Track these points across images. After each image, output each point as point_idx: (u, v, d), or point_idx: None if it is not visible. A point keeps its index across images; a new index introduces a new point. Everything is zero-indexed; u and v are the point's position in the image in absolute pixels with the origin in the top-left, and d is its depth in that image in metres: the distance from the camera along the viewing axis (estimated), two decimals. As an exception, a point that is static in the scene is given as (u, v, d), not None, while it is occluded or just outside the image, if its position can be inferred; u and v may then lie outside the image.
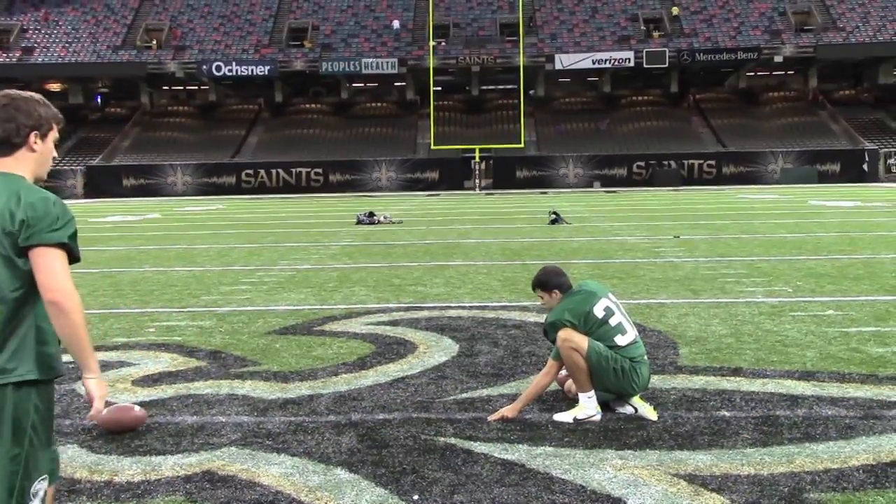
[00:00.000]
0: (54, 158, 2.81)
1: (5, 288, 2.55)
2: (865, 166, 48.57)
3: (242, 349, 7.03)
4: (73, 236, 2.65)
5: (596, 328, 5.01)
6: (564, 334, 4.96)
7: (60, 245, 2.59)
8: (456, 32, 58.69)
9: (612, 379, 4.94)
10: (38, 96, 2.75)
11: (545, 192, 44.16)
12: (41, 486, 2.67)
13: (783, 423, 4.81)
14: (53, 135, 2.76)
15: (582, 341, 4.92)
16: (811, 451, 4.35)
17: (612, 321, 5.06)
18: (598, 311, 5.06)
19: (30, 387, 2.60)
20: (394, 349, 6.86)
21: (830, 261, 12.11)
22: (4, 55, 56.66)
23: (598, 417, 4.93)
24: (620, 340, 5.02)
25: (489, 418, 4.97)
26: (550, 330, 5.08)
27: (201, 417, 5.16)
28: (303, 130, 56.69)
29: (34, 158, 2.71)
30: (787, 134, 53.10)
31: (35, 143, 2.69)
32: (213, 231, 20.94)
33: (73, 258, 2.66)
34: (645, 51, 54.44)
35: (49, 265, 2.55)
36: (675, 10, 59.17)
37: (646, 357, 5.14)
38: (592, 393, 4.96)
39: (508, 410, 4.98)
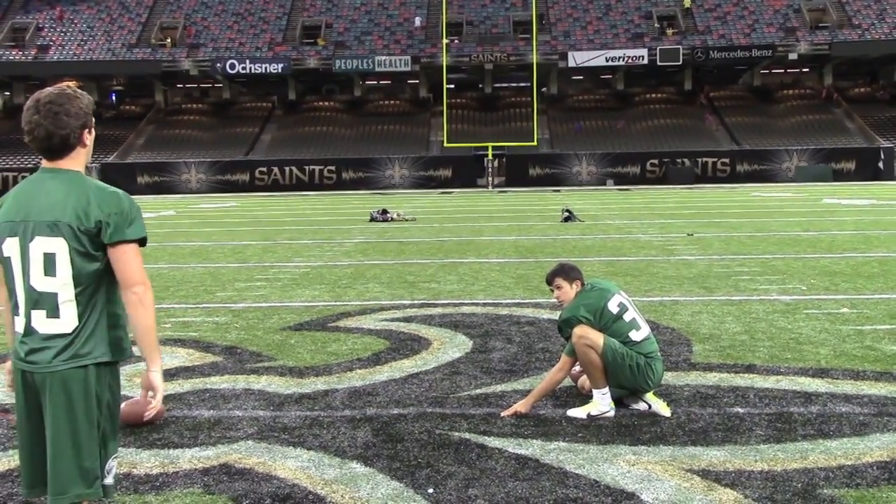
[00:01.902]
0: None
1: (84, 277, 2.69)
2: (881, 164, 48.27)
3: (258, 345, 7.08)
4: (144, 225, 2.79)
5: (611, 323, 5.03)
6: (580, 331, 4.96)
7: (138, 240, 2.75)
8: (469, 30, 58.70)
9: (627, 375, 4.95)
10: (71, 90, 2.79)
11: (558, 190, 44.11)
12: (114, 464, 2.86)
13: (797, 419, 4.81)
14: (92, 130, 2.84)
15: (597, 338, 4.93)
16: (825, 447, 4.35)
17: (627, 317, 5.09)
18: (613, 307, 5.08)
19: (105, 368, 2.77)
20: (408, 345, 6.90)
21: (845, 259, 12.07)
22: (20, 53, 57.05)
23: (611, 413, 4.95)
24: (635, 336, 5.04)
25: (502, 413, 5.00)
26: (565, 326, 5.07)
27: (218, 411, 5.21)
28: (316, 128, 56.84)
29: (85, 152, 2.82)
30: (801, 132, 52.85)
31: (86, 138, 2.80)
32: (228, 228, 21.04)
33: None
34: (659, 48, 54.31)
35: (129, 260, 2.71)
36: (686, 2, 58.97)
37: (659, 353, 5.16)
38: (607, 389, 4.97)
39: (521, 405, 5.01)
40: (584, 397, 5.23)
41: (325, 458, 4.32)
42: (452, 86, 56.29)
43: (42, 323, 2.70)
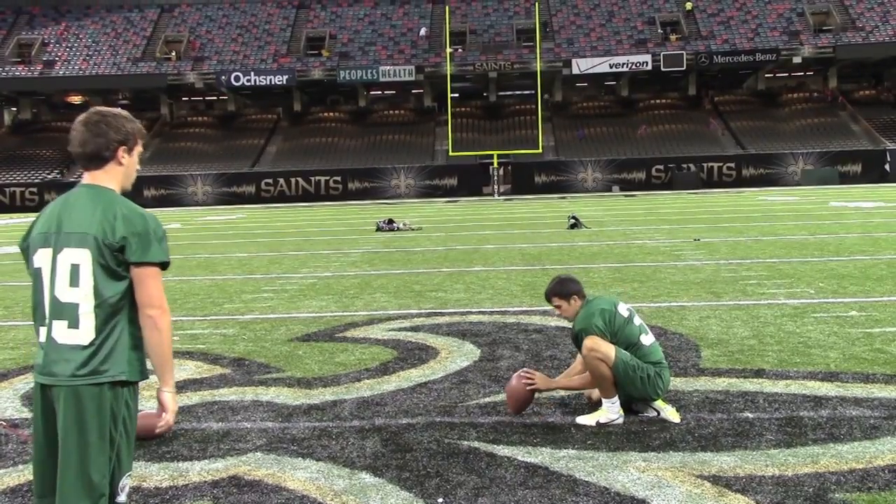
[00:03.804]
0: (80, 172, 2.90)
1: (105, 294, 2.73)
2: (887, 166, 48.14)
3: (266, 356, 7.09)
4: (167, 250, 2.85)
5: (624, 326, 5.02)
6: (591, 343, 4.92)
7: (159, 264, 2.80)
8: (473, 39, 58.81)
9: (638, 386, 4.93)
10: (124, 112, 2.90)
11: (564, 197, 44.10)
12: (128, 482, 2.88)
13: (807, 423, 4.79)
14: (138, 149, 2.92)
15: (609, 351, 4.90)
16: (836, 451, 4.34)
17: (636, 321, 5.09)
18: (623, 311, 5.09)
19: (122, 387, 2.79)
20: (416, 354, 6.89)
21: (853, 262, 12.04)
22: (26, 69, 57.33)
23: (620, 421, 4.94)
24: (645, 340, 5.05)
25: (524, 369, 5.21)
26: (583, 336, 5.01)
27: (227, 423, 5.21)
28: (321, 139, 56.95)
29: (122, 171, 2.87)
30: (807, 135, 52.76)
31: (122, 156, 2.86)
32: (234, 240, 21.08)
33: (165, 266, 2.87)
34: (662, 54, 54.32)
35: (149, 283, 2.77)
36: (688, 6, 58.99)
37: (665, 360, 5.14)
38: (616, 398, 4.96)
39: (542, 380, 5.09)
40: (593, 405, 5.22)
41: (334, 469, 4.32)
42: (457, 95, 56.38)
43: (62, 333, 2.73)
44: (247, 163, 54.12)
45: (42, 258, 2.77)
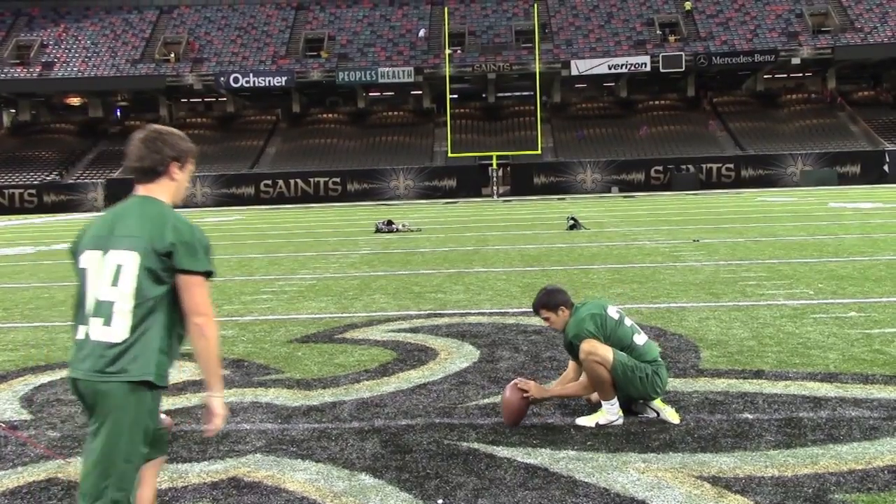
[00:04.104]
0: (79, 173, 2.93)
1: (147, 294, 2.84)
2: (886, 167, 48.16)
3: (265, 357, 7.09)
4: (212, 261, 2.99)
5: (616, 328, 5.02)
6: (588, 346, 4.91)
7: (206, 273, 2.92)
8: (471, 40, 58.83)
9: (637, 386, 4.93)
10: (179, 132, 3.14)
11: (563, 198, 44.11)
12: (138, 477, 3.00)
13: (806, 424, 4.80)
14: (190, 167, 3.13)
15: (607, 353, 4.90)
16: (835, 452, 4.34)
17: (626, 322, 5.09)
18: (613, 313, 5.09)
19: (148, 389, 2.87)
20: (415, 356, 6.89)
21: (852, 262, 12.04)
22: (25, 70, 57.33)
23: (620, 422, 4.94)
24: (638, 340, 5.04)
25: (517, 379, 5.15)
26: (576, 343, 5.00)
27: (226, 425, 5.20)
28: (320, 140, 56.94)
29: (174, 186, 3.06)
30: (805, 136, 52.78)
31: (175, 173, 3.06)
32: (233, 241, 21.08)
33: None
34: (661, 55, 54.34)
35: (194, 291, 2.88)
36: (687, 6, 59.02)
37: (661, 358, 5.13)
38: (615, 400, 4.96)
39: (536, 389, 5.03)
40: (592, 406, 5.22)
41: (333, 471, 4.32)
42: (456, 96, 56.35)
43: (98, 330, 2.83)
44: (246, 164, 54.10)
45: (90, 259, 2.90)
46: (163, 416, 5.02)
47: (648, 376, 4.94)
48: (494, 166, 49.33)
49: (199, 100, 63.57)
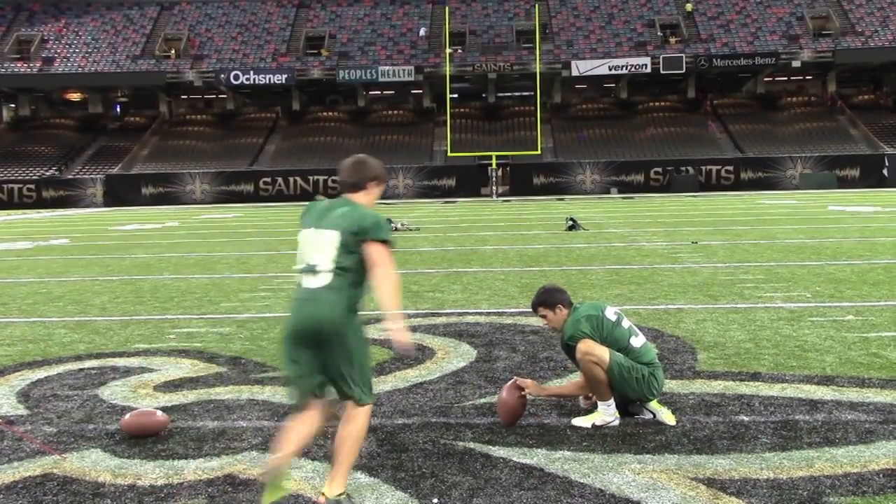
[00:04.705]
0: (78, 169, 2.95)
1: (340, 262, 3.84)
2: (885, 171, 48.20)
3: (262, 355, 7.09)
4: (390, 236, 3.92)
5: (613, 330, 5.01)
6: (585, 347, 4.90)
7: (383, 241, 3.87)
8: (472, 40, 58.84)
9: (633, 387, 4.93)
10: (377, 161, 4.16)
11: (562, 199, 44.12)
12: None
13: (802, 427, 4.80)
14: (382, 186, 4.14)
15: (603, 354, 4.89)
16: (831, 455, 4.34)
17: (624, 324, 5.09)
18: (611, 315, 5.08)
19: (351, 314, 3.96)
20: (412, 355, 6.89)
21: (850, 266, 12.05)
22: (25, 65, 57.31)
23: (616, 423, 4.94)
24: (635, 342, 5.03)
25: (516, 377, 5.23)
26: (572, 343, 5.00)
27: (222, 422, 5.21)
28: (320, 138, 56.95)
29: (368, 196, 4.08)
30: (805, 139, 52.81)
31: (370, 188, 4.08)
32: (232, 239, 21.07)
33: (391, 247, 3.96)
34: (662, 57, 54.37)
35: (378, 251, 3.84)
36: (688, 7, 59.03)
37: (657, 360, 5.14)
38: (612, 401, 4.96)
39: (534, 387, 5.12)
40: (589, 407, 5.22)
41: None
42: (456, 95, 56.38)
43: (310, 281, 3.88)
44: (245, 161, 54.10)
45: (306, 235, 3.93)
46: (159, 413, 5.05)
47: (645, 377, 4.94)
48: (494, 166, 49.36)
49: (199, 96, 63.56)
